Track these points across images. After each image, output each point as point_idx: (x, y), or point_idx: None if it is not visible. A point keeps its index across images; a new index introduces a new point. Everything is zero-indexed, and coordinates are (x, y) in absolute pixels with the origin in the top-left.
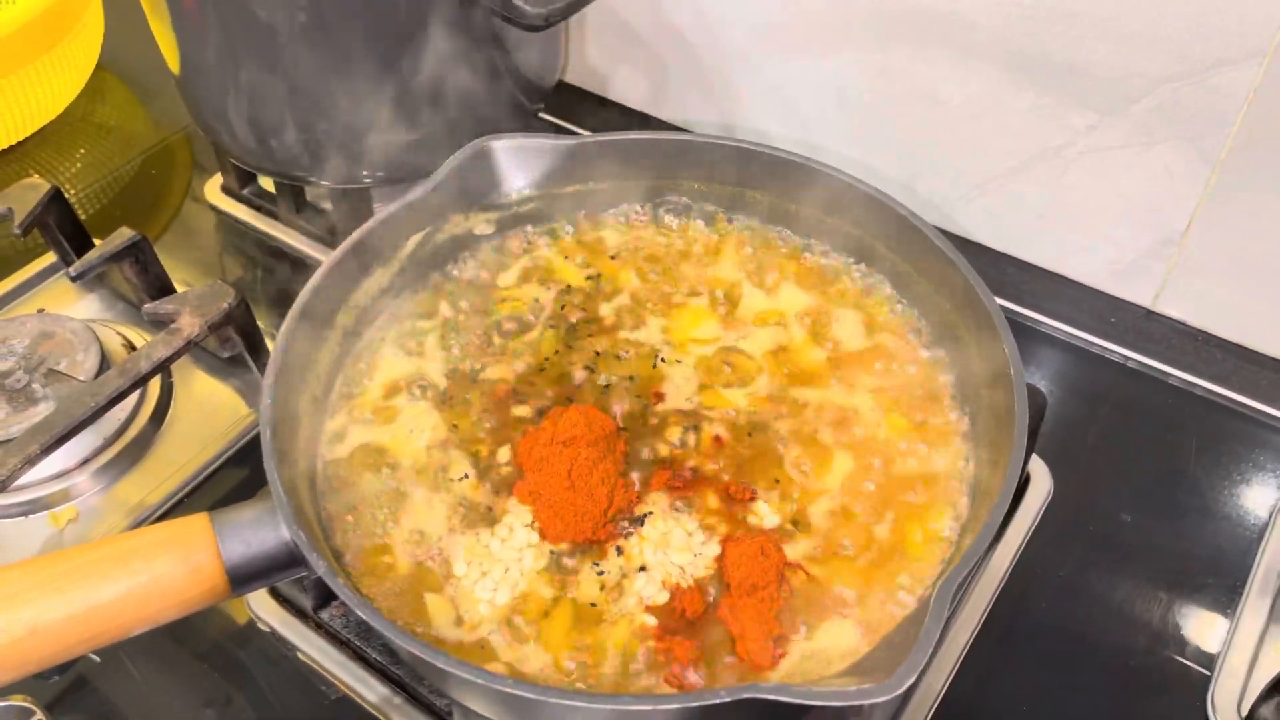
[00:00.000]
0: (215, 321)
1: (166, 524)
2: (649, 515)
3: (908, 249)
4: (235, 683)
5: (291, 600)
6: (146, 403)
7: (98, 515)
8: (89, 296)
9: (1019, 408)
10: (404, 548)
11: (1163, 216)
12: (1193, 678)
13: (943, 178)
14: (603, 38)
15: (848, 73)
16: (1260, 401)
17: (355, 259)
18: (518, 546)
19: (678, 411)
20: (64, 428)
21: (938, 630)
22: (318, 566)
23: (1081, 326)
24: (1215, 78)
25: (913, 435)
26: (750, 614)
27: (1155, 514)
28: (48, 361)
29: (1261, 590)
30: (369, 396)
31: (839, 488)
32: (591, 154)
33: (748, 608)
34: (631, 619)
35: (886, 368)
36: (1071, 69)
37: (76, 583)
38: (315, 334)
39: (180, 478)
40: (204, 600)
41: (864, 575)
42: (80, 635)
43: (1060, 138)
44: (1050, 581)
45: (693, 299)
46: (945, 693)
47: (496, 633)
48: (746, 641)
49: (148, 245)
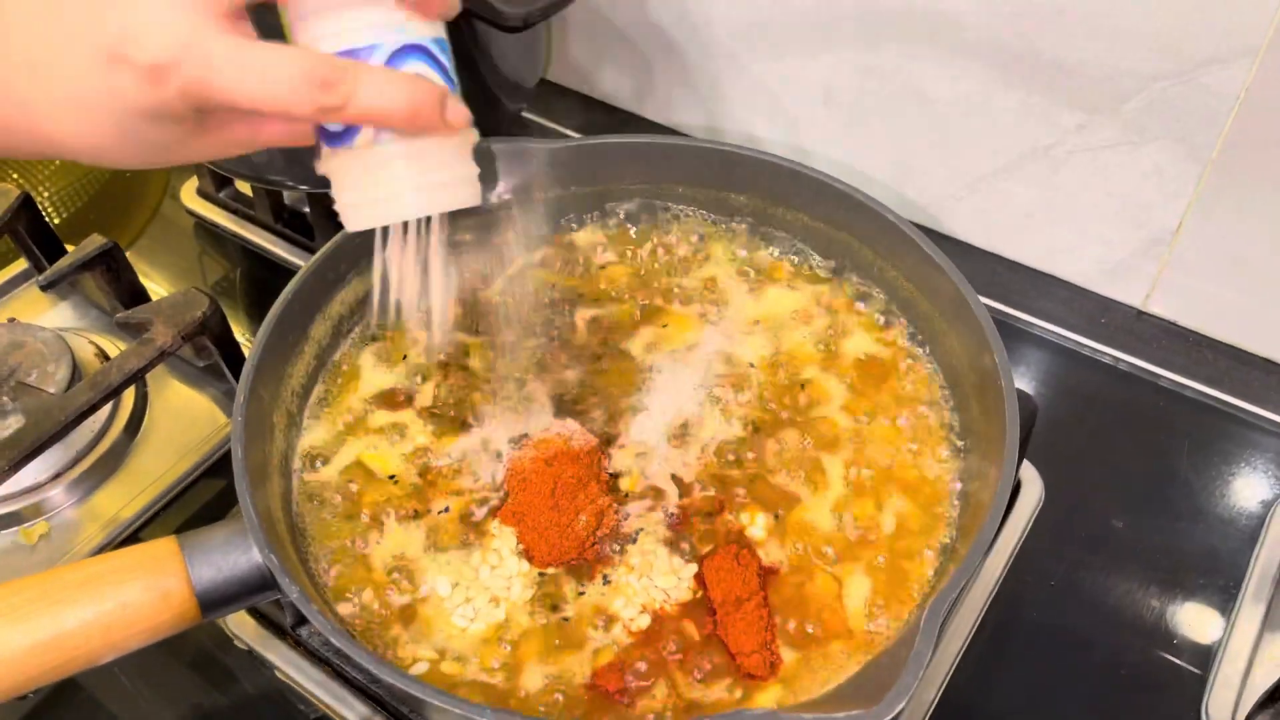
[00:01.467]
0: (189, 331)
1: (134, 548)
2: (640, 532)
3: (894, 253)
4: (211, 703)
5: (269, 617)
6: (120, 413)
7: (71, 530)
8: (61, 305)
9: (1009, 422)
10: (382, 569)
11: (1153, 216)
12: (1187, 684)
13: (932, 177)
14: (586, 36)
15: (835, 72)
16: (1252, 403)
17: (330, 268)
18: (504, 573)
19: (663, 422)
20: (32, 443)
21: (928, 653)
22: (290, 591)
23: (1072, 327)
24: (1206, 76)
25: (902, 443)
26: (741, 627)
27: (1147, 517)
28: (18, 373)
29: (1255, 595)
30: (346, 409)
31: (825, 496)
32: (574, 158)
33: (737, 622)
34: (615, 645)
35: (874, 374)
36: (1061, 67)
37: (41, 610)
38: (290, 346)
39: (156, 490)
40: (174, 626)
41: (855, 580)
42: (46, 664)
43: (1050, 137)
44: (1043, 587)
45: (679, 305)
46: (940, 699)
47: (476, 658)
48: (743, 657)
49: (120, 253)
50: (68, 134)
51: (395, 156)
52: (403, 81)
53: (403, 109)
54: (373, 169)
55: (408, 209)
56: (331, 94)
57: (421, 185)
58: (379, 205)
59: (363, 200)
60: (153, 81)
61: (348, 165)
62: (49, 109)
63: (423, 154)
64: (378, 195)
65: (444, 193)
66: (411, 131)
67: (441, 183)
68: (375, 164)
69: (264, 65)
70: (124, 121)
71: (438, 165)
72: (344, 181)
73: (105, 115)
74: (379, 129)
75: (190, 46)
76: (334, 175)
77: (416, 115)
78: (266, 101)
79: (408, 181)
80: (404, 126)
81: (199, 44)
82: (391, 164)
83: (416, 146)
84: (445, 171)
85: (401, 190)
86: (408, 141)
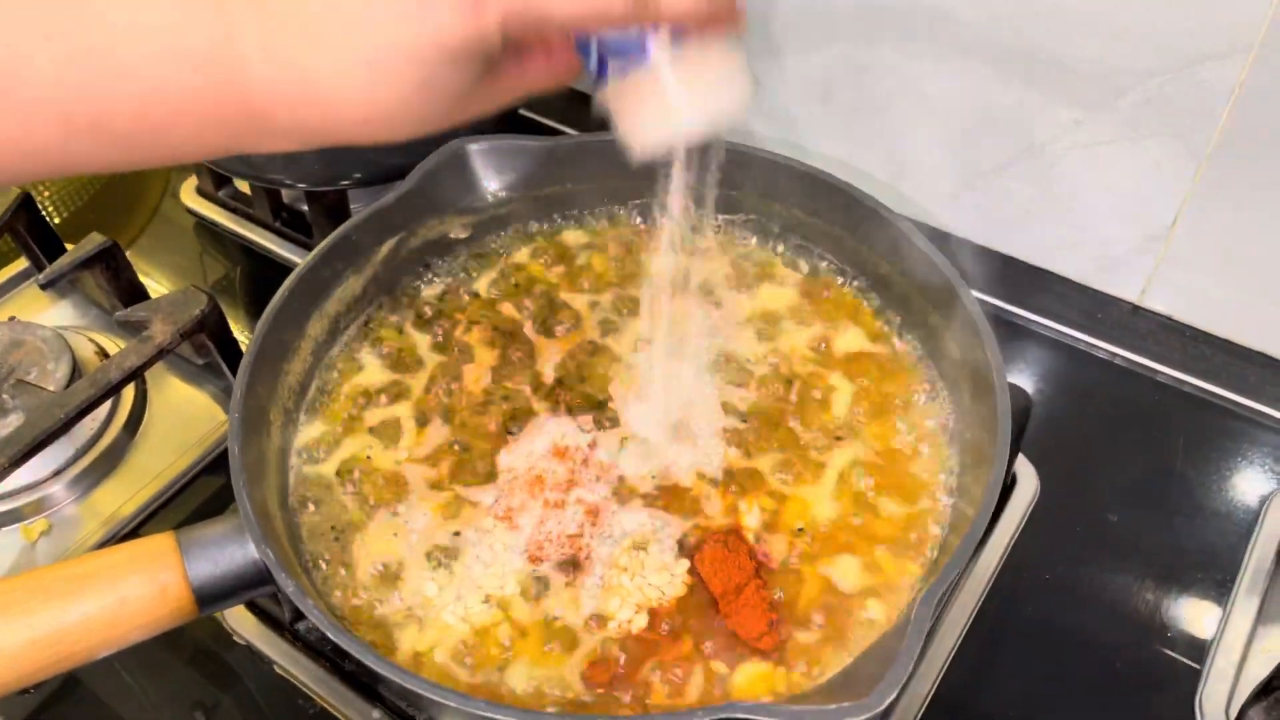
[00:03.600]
0: (188, 328)
1: (131, 544)
2: (634, 528)
3: (888, 248)
4: (211, 699)
5: (268, 613)
6: (120, 411)
7: (71, 527)
8: (61, 303)
9: (1001, 415)
10: (377, 564)
11: (1149, 211)
12: (1181, 677)
13: (929, 174)
14: None
15: (832, 69)
16: (1248, 397)
17: (327, 266)
18: (498, 571)
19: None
20: (32, 440)
21: (918, 646)
22: (286, 586)
23: (1068, 323)
24: (1202, 72)
25: (896, 437)
26: (747, 612)
27: (1143, 512)
28: (18, 371)
29: (1250, 589)
30: (342, 406)
31: (819, 489)
32: (569, 155)
33: (741, 608)
34: (607, 643)
35: (868, 369)
36: (1058, 64)
37: (40, 605)
38: (287, 343)
39: (156, 487)
40: (171, 621)
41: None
42: (45, 659)
43: (1047, 133)
44: (1038, 581)
45: (677, 300)
46: (934, 693)
47: (471, 653)
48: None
49: (119, 251)
50: (358, 101)
51: (685, 74)
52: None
53: (703, 9)
54: (663, 89)
55: (699, 123)
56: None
57: (710, 100)
58: (672, 124)
59: (655, 121)
60: (474, 11)
61: (635, 91)
62: (337, 78)
63: (708, 70)
64: (669, 114)
65: (729, 105)
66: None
67: (726, 95)
68: (665, 85)
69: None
70: (428, 69)
71: (722, 79)
72: (632, 107)
73: (409, 67)
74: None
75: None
76: (621, 103)
77: (715, 15)
78: (586, 14)
79: (698, 98)
80: (705, 27)
81: None
82: (681, 81)
83: (703, 63)
84: (728, 85)
85: (693, 106)
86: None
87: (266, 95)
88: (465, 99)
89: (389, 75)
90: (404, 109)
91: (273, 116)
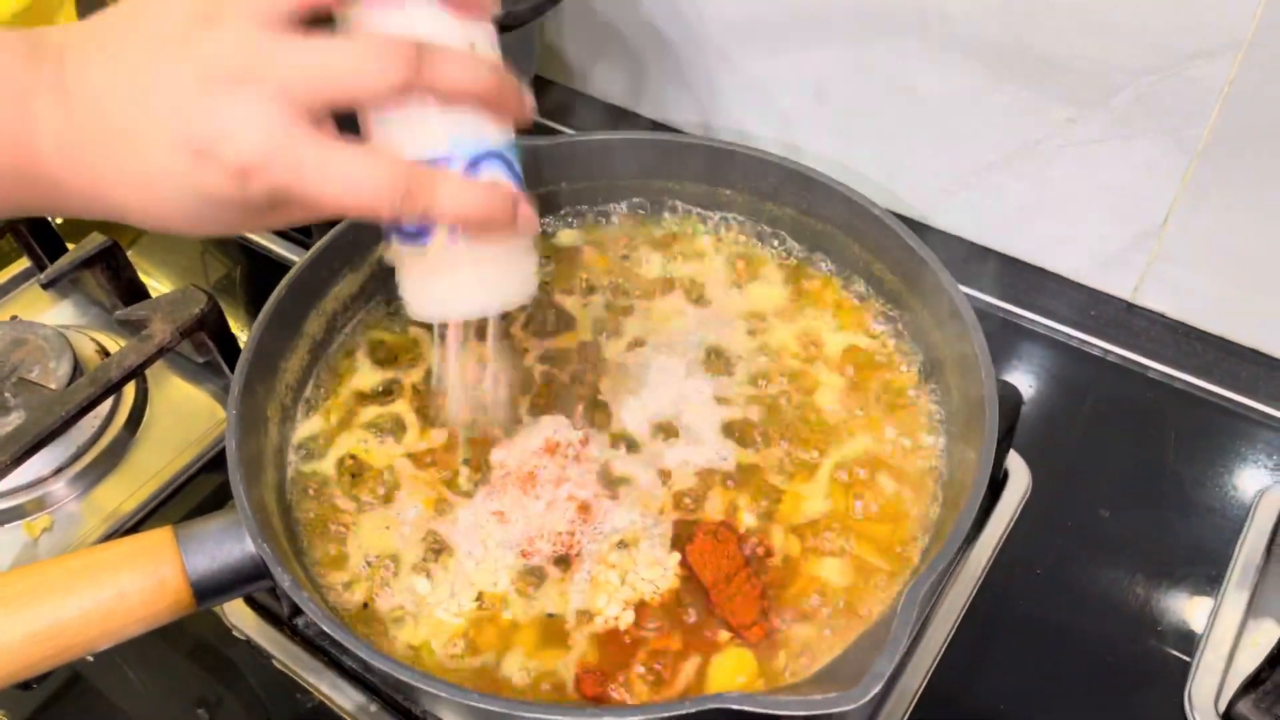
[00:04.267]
0: (187, 327)
1: (130, 538)
2: (626, 524)
3: (878, 246)
4: (211, 693)
5: (267, 608)
6: (121, 409)
7: (73, 523)
8: (63, 302)
9: (989, 408)
10: (373, 559)
11: (1142, 209)
12: (1172, 670)
13: (923, 172)
14: (579, 33)
15: (827, 69)
16: (1240, 394)
17: (325, 265)
18: (490, 566)
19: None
20: (34, 438)
21: (905, 637)
22: (282, 580)
23: (1062, 320)
24: (1193, 70)
25: (886, 432)
26: (739, 601)
27: (1135, 507)
28: (19, 369)
29: (1239, 583)
30: (339, 404)
31: (811, 484)
32: (565, 154)
33: (733, 597)
34: (600, 636)
35: (859, 365)
36: (1051, 63)
37: (39, 599)
38: (284, 342)
39: (156, 484)
40: (169, 614)
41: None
42: (44, 652)
43: (1040, 131)
44: (1030, 576)
45: (667, 299)
46: (925, 687)
47: (464, 647)
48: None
49: (119, 251)
50: (134, 205)
51: (464, 257)
52: (480, 190)
53: (480, 216)
54: (441, 267)
55: (473, 308)
56: (413, 201)
57: (487, 286)
58: (446, 303)
59: (429, 295)
60: (238, 180)
61: (416, 260)
62: (119, 182)
63: (490, 255)
64: (444, 293)
65: (507, 291)
66: (483, 236)
67: (505, 281)
68: (444, 263)
69: (349, 171)
70: (197, 205)
71: (504, 265)
72: (411, 274)
73: (178, 197)
74: (453, 232)
75: (279, 150)
76: (402, 266)
77: (491, 221)
78: (350, 206)
79: (475, 283)
80: (479, 232)
81: (288, 147)
82: (459, 264)
83: (485, 248)
84: (509, 270)
85: (469, 290)
86: (477, 243)
87: (59, 182)
88: (241, 225)
89: (167, 202)
90: (186, 224)
91: (66, 200)
